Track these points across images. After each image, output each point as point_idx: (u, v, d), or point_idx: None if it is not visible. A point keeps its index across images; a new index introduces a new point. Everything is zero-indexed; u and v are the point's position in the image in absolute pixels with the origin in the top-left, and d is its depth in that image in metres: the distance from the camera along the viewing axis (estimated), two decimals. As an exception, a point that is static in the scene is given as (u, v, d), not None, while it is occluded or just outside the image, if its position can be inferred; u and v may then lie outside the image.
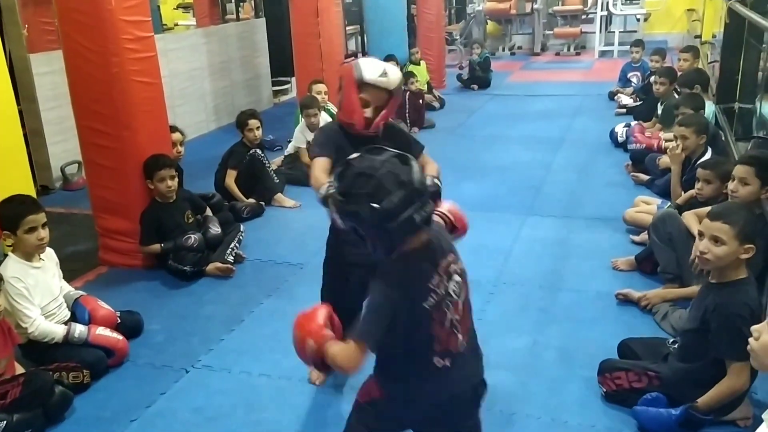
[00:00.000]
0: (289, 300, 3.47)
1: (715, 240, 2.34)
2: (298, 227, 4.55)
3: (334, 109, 5.98)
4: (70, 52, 3.67)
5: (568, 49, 12.17)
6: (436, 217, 1.90)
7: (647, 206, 4.17)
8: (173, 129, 4.24)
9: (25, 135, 4.80)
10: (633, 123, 6.06)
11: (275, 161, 5.53)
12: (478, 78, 9.23)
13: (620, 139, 5.98)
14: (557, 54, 12.18)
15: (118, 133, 3.70)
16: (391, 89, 2.40)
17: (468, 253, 3.92)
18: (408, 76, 7.17)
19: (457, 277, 1.77)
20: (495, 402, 2.62)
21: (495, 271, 3.76)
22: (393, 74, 2.41)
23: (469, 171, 5.62)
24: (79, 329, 2.88)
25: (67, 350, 2.84)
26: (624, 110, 7.24)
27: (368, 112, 2.40)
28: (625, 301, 3.31)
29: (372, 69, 2.38)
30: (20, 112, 4.76)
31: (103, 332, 2.94)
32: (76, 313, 3.02)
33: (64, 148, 5.41)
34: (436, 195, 2.27)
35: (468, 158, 6.05)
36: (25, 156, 4.52)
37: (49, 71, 5.23)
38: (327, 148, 2.48)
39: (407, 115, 7.03)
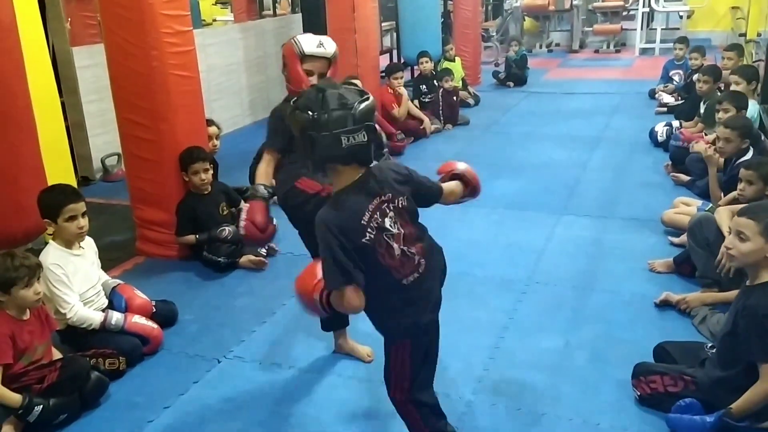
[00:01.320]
0: (320, 294, 3.49)
1: (740, 236, 2.34)
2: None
3: (368, 105, 5.99)
4: (112, 45, 3.74)
5: (608, 47, 11.95)
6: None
7: (687, 208, 4.07)
8: (209, 122, 4.30)
9: (67, 127, 4.93)
10: (674, 122, 5.93)
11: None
12: (515, 75, 9.14)
13: (660, 139, 5.85)
14: (596, 51, 11.98)
15: (156, 125, 3.76)
16: (329, 57, 2.68)
17: (500, 252, 3.98)
18: (443, 74, 7.14)
19: (392, 214, 1.90)
20: (525, 402, 2.61)
21: (527, 271, 3.72)
22: (329, 44, 2.70)
23: (503, 169, 5.57)
24: (116, 317, 2.94)
25: (104, 337, 2.90)
26: (665, 109, 7.09)
27: (314, 80, 2.64)
28: (664, 304, 3.24)
29: (310, 42, 2.66)
30: (63, 105, 4.90)
31: (138, 320, 3.00)
32: (113, 301, 3.08)
33: (104, 140, 5.52)
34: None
35: (502, 156, 6.00)
36: (67, 147, 4.65)
37: (91, 64, 5.34)
38: (277, 139, 2.66)
39: (441, 111, 7.00)
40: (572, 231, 4.26)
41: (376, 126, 1.94)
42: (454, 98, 7.16)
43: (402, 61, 8.54)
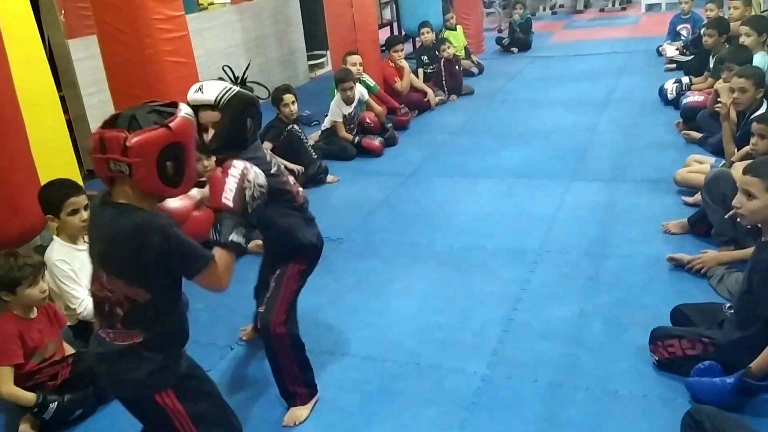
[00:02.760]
0: (329, 275, 3.46)
1: (748, 194, 2.33)
2: (336, 203, 4.53)
3: (370, 81, 5.91)
4: (104, 35, 3.68)
5: (613, 5, 11.72)
6: None
7: (700, 165, 3.98)
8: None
9: (69, 121, 4.89)
10: (684, 79, 5.79)
11: (312, 136, 5.51)
12: (519, 40, 8.98)
13: (670, 97, 5.73)
14: (601, 10, 11.75)
15: (154, 114, 3.70)
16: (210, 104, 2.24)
17: (510, 223, 3.92)
18: (440, 42, 7.02)
19: None
20: (541, 373, 2.57)
21: (538, 240, 3.66)
22: (209, 90, 2.25)
23: (510, 137, 5.49)
24: None
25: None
26: (674, 65, 6.94)
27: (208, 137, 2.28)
28: (677, 265, 3.18)
29: (191, 90, 2.29)
30: (62, 99, 4.85)
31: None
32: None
33: (107, 132, 5.49)
34: None
35: (509, 124, 5.91)
36: (69, 142, 4.61)
37: (88, 56, 5.28)
38: None
39: (444, 82, 6.89)
40: (583, 197, 4.19)
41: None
42: (456, 68, 7.04)
43: (402, 33, 8.43)
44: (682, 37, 7.49)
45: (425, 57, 7.12)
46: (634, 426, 2.27)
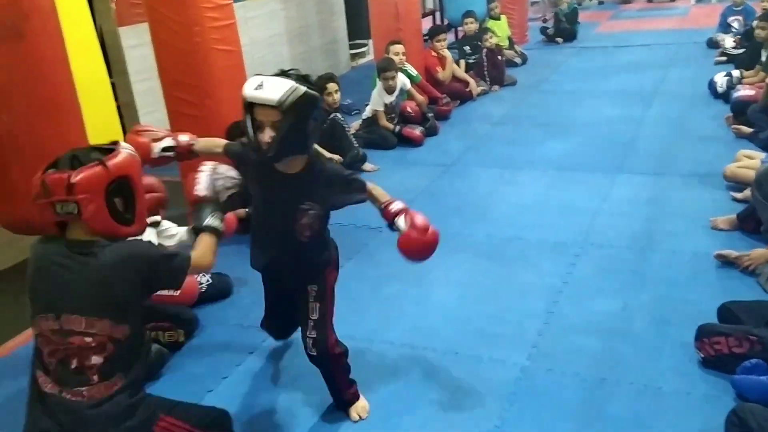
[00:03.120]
0: (369, 263, 3.49)
1: None
2: (377, 191, 4.54)
3: (412, 71, 5.90)
4: (155, 23, 3.76)
5: (662, -5, 11.44)
6: None
7: (750, 161, 3.88)
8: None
9: (118, 107, 5.02)
10: (734, 72, 5.63)
11: (353, 125, 5.53)
12: (564, 30, 8.84)
13: (720, 90, 5.58)
14: (650, 1, 11.49)
15: (202, 102, 3.78)
16: (273, 105, 1.98)
17: (553, 215, 3.89)
18: (483, 32, 6.97)
19: None
20: (583, 367, 2.56)
21: (581, 233, 3.62)
22: (271, 88, 1.98)
23: (554, 129, 5.42)
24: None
25: (164, 311, 2.97)
26: (724, 58, 6.75)
27: (264, 136, 2.03)
28: (725, 262, 3.11)
29: (250, 84, 2.03)
30: (113, 86, 4.98)
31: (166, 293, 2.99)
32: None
33: (154, 118, 5.59)
34: None
35: (552, 116, 5.84)
36: (119, 128, 4.73)
37: (138, 44, 5.40)
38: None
39: (486, 72, 6.84)
40: (628, 190, 4.12)
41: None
42: (499, 57, 6.98)
43: (445, 22, 8.38)
44: (733, 29, 7.28)
45: (468, 47, 7.07)
46: (677, 423, 2.24)
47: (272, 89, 1.98)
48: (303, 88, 1.99)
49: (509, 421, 2.32)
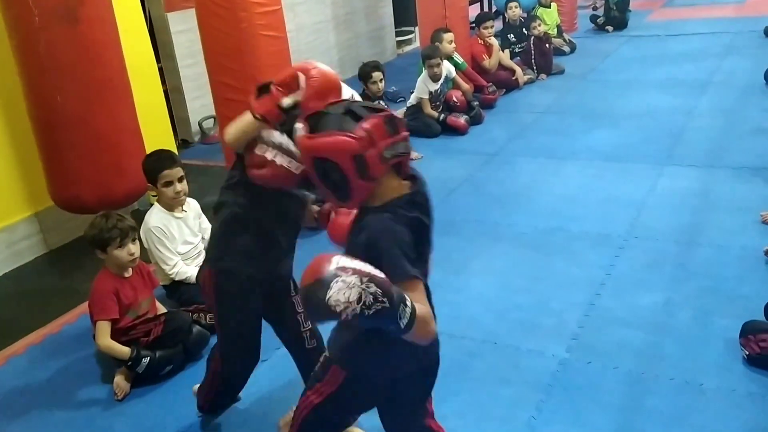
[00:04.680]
0: (410, 250, 3.48)
1: None
2: (419, 179, 4.53)
3: (458, 58, 5.84)
4: (202, 8, 3.80)
5: (719, -18, 11.01)
6: None
7: (807, 154, 3.74)
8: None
9: (166, 92, 5.13)
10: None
11: (398, 112, 5.52)
12: (614, 19, 8.62)
13: (777, 80, 5.38)
14: (705, -12, 11.06)
15: (247, 87, 3.79)
16: None
17: (597, 206, 3.82)
18: (531, 20, 6.85)
19: None
20: (623, 360, 2.52)
21: (626, 225, 3.55)
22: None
23: (601, 118, 5.31)
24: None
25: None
26: (783, 47, 6.48)
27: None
28: (775, 258, 3.02)
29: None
30: (161, 70, 5.09)
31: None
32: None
33: (201, 103, 5.71)
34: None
35: (600, 105, 5.71)
36: (166, 112, 4.85)
37: (185, 29, 5.49)
38: None
39: (533, 61, 6.73)
40: (676, 182, 4.02)
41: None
42: (547, 46, 6.85)
43: (493, 9, 8.26)
44: (795, 17, 6.99)
45: (511, 35, 6.96)
46: (719, 421, 2.19)
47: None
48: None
49: (545, 412, 2.30)
